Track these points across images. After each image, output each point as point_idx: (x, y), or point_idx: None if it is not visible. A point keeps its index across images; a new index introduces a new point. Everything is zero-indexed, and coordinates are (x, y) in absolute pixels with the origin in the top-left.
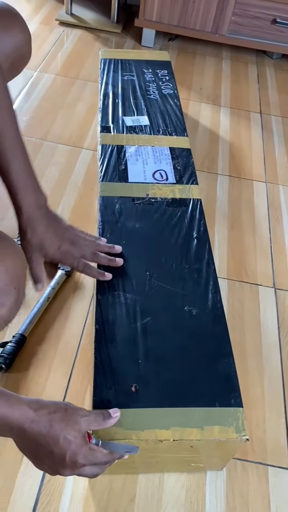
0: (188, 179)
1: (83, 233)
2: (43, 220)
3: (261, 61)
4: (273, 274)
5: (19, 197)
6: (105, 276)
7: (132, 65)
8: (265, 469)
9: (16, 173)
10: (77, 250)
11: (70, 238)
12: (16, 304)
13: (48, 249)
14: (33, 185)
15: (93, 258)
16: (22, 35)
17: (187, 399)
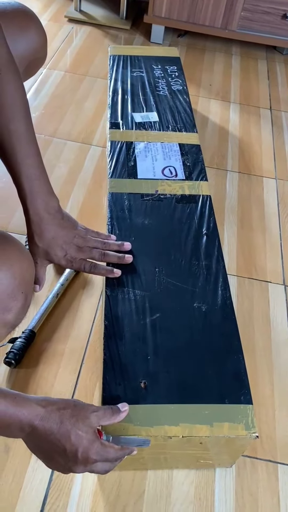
0: (198, 175)
1: (93, 233)
2: (52, 226)
3: (271, 57)
4: (283, 271)
5: (28, 201)
6: (114, 273)
7: (141, 61)
8: (275, 466)
9: (27, 176)
10: (84, 254)
11: (77, 244)
12: (23, 308)
13: (53, 256)
14: (43, 189)
15: (102, 258)
16: (38, 37)
17: (196, 396)
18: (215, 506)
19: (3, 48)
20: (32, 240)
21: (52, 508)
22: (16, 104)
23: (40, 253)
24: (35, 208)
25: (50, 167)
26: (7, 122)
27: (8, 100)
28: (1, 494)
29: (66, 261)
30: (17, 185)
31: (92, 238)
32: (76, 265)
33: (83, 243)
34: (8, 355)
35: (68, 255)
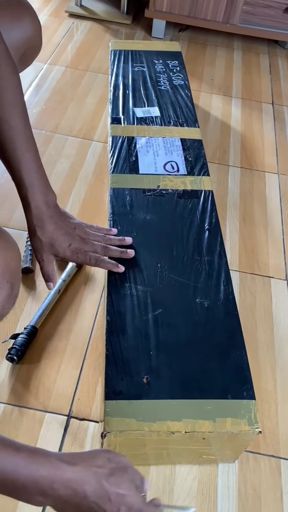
0: (200, 170)
1: (93, 228)
2: (53, 219)
3: (273, 51)
4: (285, 267)
5: (28, 195)
6: (118, 267)
7: (142, 56)
8: (278, 462)
9: (26, 171)
10: (88, 246)
11: (80, 235)
12: (10, 298)
13: (58, 248)
14: (42, 183)
15: (104, 252)
16: (32, 26)
17: (199, 391)
18: (218, 501)
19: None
20: (35, 235)
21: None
22: (15, 100)
23: (44, 247)
24: (36, 201)
25: (52, 162)
26: (8, 117)
27: (8, 96)
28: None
29: (72, 252)
30: (16, 179)
31: (93, 232)
32: (82, 257)
33: (85, 235)
34: (10, 351)
35: (72, 246)
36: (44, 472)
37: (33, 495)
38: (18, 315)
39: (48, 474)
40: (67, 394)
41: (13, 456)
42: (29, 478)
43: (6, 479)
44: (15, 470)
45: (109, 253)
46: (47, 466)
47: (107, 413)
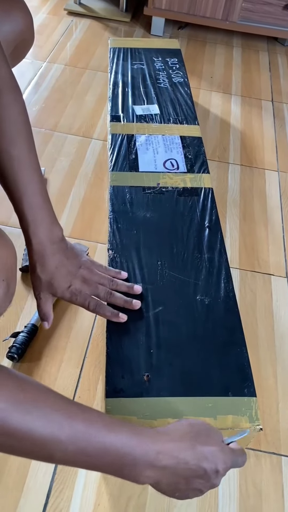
0: (200, 168)
1: (101, 268)
2: (55, 256)
3: (272, 48)
4: (285, 264)
5: (30, 230)
6: (119, 317)
7: (141, 53)
8: (279, 459)
9: (28, 206)
10: (90, 288)
11: (84, 276)
12: (6, 297)
13: (57, 288)
14: (46, 218)
15: (107, 298)
16: (23, 19)
17: (200, 388)
18: (219, 498)
19: (4, 67)
20: (35, 272)
21: (56, 501)
22: (17, 127)
23: (43, 286)
24: (38, 237)
25: (51, 161)
26: (8, 147)
27: (9, 124)
28: (6, 488)
29: (71, 294)
30: (18, 213)
31: (99, 273)
32: (80, 299)
33: (89, 275)
34: (10, 349)
35: (72, 287)
36: (151, 444)
37: (142, 470)
38: (18, 314)
39: (154, 445)
40: (68, 392)
41: (119, 433)
42: (138, 451)
43: (117, 455)
44: (124, 445)
45: (111, 300)
46: (151, 438)
47: (107, 410)
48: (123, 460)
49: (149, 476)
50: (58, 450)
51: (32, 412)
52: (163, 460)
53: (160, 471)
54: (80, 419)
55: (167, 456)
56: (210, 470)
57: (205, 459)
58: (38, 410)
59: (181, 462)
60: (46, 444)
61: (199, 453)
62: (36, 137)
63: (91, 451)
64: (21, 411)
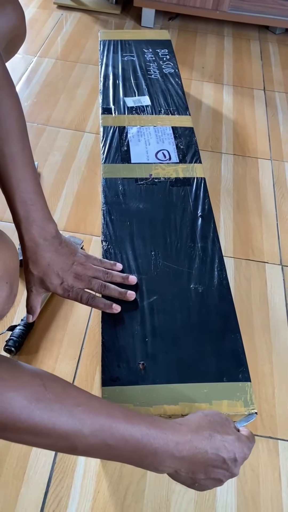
0: (192, 158)
1: (96, 261)
2: (47, 253)
3: (264, 37)
4: (279, 251)
5: (22, 227)
6: (112, 308)
7: (132, 45)
8: (275, 443)
9: (21, 203)
10: (83, 283)
11: (76, 272)
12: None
13: (49, 284)
14: (39, 215)
15: (102, 290)
16: (15, 13)
17: (195, 375)
18: None
19: None
20: (27, 267)
21: (56, 489)
22: (11, 124)
23: (35, 281)
24: (30, 234)
25: (44, 155)
26: (1, 144)
27: (3, 120)
28: (6, 478)
29: (63, 290)
30: (11, 209)
31: (93, 267)
32: (73, 295)
33: (82, 271)
34: (8, 343)
35: (65, 283)
36: (170, 435)
37: (162, 460)
38: (15, 307)
39: (173, 436)
40: None
41: (139, 425)
42: (158, 441)
43: (138, 445)
44: (144, 436)
45: (106, 292)
46: (170, 430)
47: (104, 399)
48: (143, 451)
49: (169, 466)
50: (81, 443)
51: (55, 409)
52: (183, 451)
53: (180, 461)
54: (101, 413)
55: (186, 447)
56: (229, 459)
57: (223, 448)
58: (61, 406)
59: (200, 452)
60: (69, 438)
61: (217, 442)
62: (28, 132)
63: (113, 443)
64: (45, 408)
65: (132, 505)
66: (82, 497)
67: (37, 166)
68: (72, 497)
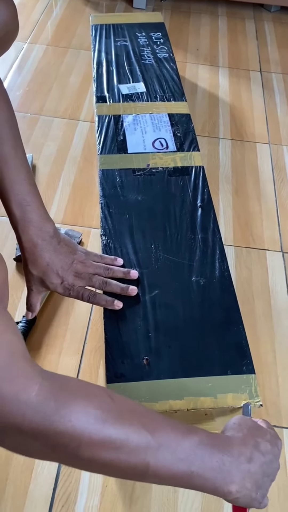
0: (189, 146)
1: (96, 257)
2: (47, 253)
3: (259, 16)
4: (280, 238)
5: (20, 228)
6: (114, 305)
7: (124, 29)
8: (280, 431)
9: (17, 203)
10: (83, 281)
11: (76, 271)
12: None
13: (49, 284)
14: (35, 215)
15: (103, 287)
16: (6, 10)
17: (199, 369)
18: None
19: None
20: (27, 267)
21: (65, 485)
22: (1, 124)
23: (35, 280)
24: (27, 235)
25: (38, 146)
26: None
27: None
28: (15, 475)
29: (64, 289)
30: (7, 211)
31: (94, 263)
32: (74, 293)
33: (83, 269)
34: None
35: (65, 282)
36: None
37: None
38: (16, 304)
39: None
40: None
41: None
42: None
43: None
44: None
45: (107, 288)
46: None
47: None
48: (212, 462)
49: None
50: (152, 457)
51: (126, 420)
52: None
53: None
54: (164, 423)
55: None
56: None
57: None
58: (129, 417)
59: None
60: (141, 451)
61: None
62: (22, 122)
63: (183, 456)
64: (116, 419)
65: (140, 498)
66: (90, 492)
67: (32, 158)
68: (80, 491)
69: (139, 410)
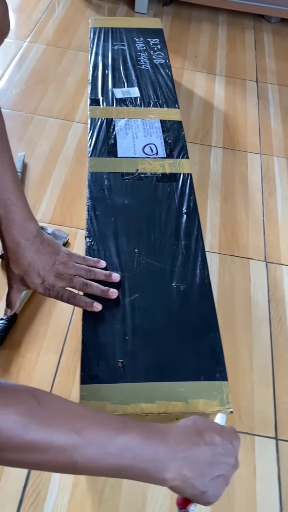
0: (179, 153)
1: (79, 259)
2: (28, 253)
3: (258, 26)
4: (264, 248)
5: (2, 228)
6: (93, 306)
7: (123, 33)
8: (252, 438)
9: (1, 203)
10: (64, 282)
11: (58, 271)
12: None
13: (30, 284)
14: (19, 215)
15: (84, 288)
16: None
17: (173, 374)
18: None
19: None
20: (8, 266)
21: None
22: None
23: (16, 279)
24: (10, 234)
25: (32, 145)
26: None
27: None
28: None
29: (44, 289)
30: None
31: (76, 265)
32: (54, 293)
33: (64, 270)
34: None
35: (45, 283)
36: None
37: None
38: None
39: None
40: (47, 378)
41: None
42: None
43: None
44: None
45: (88, 290)
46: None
47: (82, 397)
48: (146, 454)
49: (174, 471)
50: (81, 455)
51: (51, 422)
52: (181, 451)
53: (183, 461)
54: (96, 420)
55: (184, 445)
56: (226, 448)
57: (216, 438)
58: (56, 419)
59: (197, 448)
60: (68, 450)
61: (208, 436)
62: (16, 121)
63: (114, 450)
64: (40, 422)
65: (110, 498)
66: (60, 490)
67: (24, 157)
68: (50, 490)
69: (69, 410)
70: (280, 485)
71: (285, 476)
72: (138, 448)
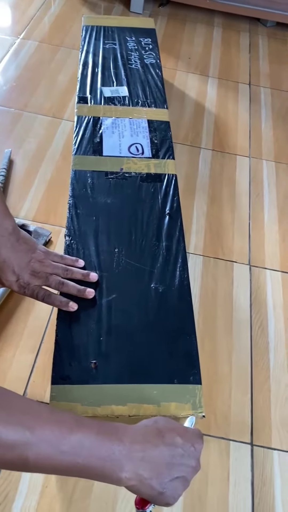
0: (165, 153)
1: (57, 257)
2: (3, 249)
3: (254, 29)
4: (249, 251)
5: None
6: (68, 306)
7: (115, 32)
8: (227, 443)
9: None
10: (40, 280)
11: (33, 269)
12: None
13: (4, 281)
14: None
15: (59, 287)
16: None
17: (146, 376)
18: None
19: None
20: None
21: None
22: None
23: None
24: None
25: (19, 142)
26: None
27: None
28: None
29: (19, 287)
30: None
31: (52, 263)
32: (29, 292)
33: (40, 268)
34: None
35: (20, 280)
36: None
37: (121, 462)
38: None
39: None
40: (22, 377)
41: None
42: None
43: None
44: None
45: (64, 289)
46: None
47: (52, 397)
48: (101, 452)
49: (130, 470)
50: (32, 452)
51: (2, 418)
52: (138, 451)
53: (140, 462)
54: (51, 418)
55: (141, 445)
56: (186, 450)
57: (177, 439)
58: (6, 414)
59: (156, 448)
60: (18, 447)
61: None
62: (4, 117)
63: (67, 449)
64: None
65: (79, 500)
66: (29, 491)
67: (10, 153)
68: (19, 490)
69: (25, 407)
70: (253, 491)
71: (258, 482)
72: (92, 447)
